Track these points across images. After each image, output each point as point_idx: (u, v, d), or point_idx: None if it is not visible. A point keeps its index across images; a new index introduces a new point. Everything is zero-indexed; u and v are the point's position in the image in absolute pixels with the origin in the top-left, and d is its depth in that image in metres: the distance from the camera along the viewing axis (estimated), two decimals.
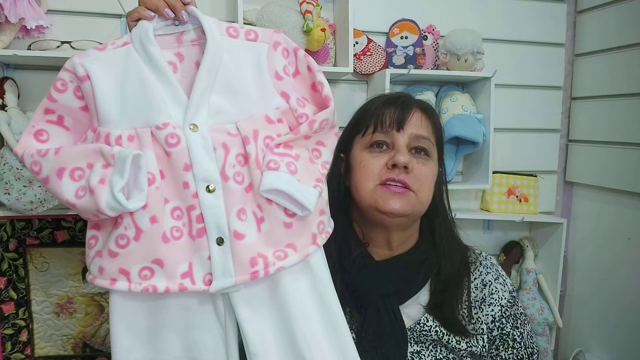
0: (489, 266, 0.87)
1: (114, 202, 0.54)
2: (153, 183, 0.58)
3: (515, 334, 0.82)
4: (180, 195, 0.59)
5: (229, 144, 0.60)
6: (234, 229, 0.59)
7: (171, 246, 0.58)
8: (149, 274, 0.58)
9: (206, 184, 0.58)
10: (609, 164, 1.38)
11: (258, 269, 0.59)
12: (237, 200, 0.59)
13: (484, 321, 0.82)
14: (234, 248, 0.59)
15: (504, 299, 0.83)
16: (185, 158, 0.58)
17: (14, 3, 0.99)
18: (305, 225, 0.63)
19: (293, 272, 0.63)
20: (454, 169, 1.36)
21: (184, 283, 0.59)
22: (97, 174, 0.56)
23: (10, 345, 1.15)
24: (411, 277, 0.81)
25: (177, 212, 0.59)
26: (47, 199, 1.04)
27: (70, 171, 0.57)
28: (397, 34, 1.32)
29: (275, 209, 0.61)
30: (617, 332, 1.36)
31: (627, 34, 1.31)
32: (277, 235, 0.61)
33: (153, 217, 0.57)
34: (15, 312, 1.15)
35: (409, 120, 0.80)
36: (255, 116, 0.62)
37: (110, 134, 0.58)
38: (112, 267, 0.58)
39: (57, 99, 0.60)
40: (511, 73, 1.43)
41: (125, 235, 0.57)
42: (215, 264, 0.59)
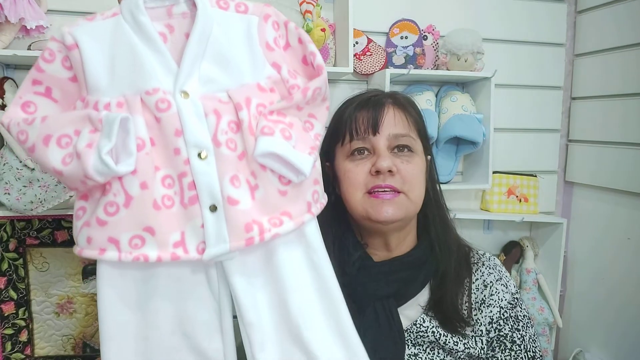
0: (491, 267, 0.85)
1: (102, 165, 0.53)
2: (143, 148, 0.56)
3: (515, 336, 0.80)
4: (172, 162, 0.57)
5: (221, 110, 0.58)
6: (228, 194, 0.57)
7: (162, 214, 0.57)
8: (139, 243, 0.56)
9: (198, 150, 0.57)
10: (609, 163, 1.38)
11: (253, 235, 0.57)
12: (230, 166, 0.58)
13: (482, 322, 0.80)
14: (228, 214, 0.57)
15: (504, 300, 0.81)
16: (176, 123, 0.57)
17: (14, 3, 0.99)
18: (300, 193, 0.62)
19: (288, 241, 0.62)
20: (454, 169, 1.36)
21: (177, 252, 0.57)
22: (85, 139, 0.54)
23: (10, 345, 1.15)
24: (411, 278, 0.81)
25: (168, 180, 0.58)
26: (47, 199, 1.04)
27: (57, 138, 0.55)
28: (397, 34, 1.32)
29: (269, 176, 0.59)
30: (617, 332, 1.36)
31: (627, 34, 1.31)
32: (272, 203, 0.60)
33: (143, 183, 0.56)
34: (15, 312, 1.15)
35: (382, 121, 0.78)
36: (247, 84, 0.61)
37: (99, 102, 0.57)
38: (101, 237, 0.56)
39: (44, 69, 0.59)
40: (511, 73, 1.43)
41: (115, 202, 0.55)
42: (208, 232, 0.57)
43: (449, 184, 1.35)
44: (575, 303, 1.51)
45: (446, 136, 1.27)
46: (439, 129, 1.30)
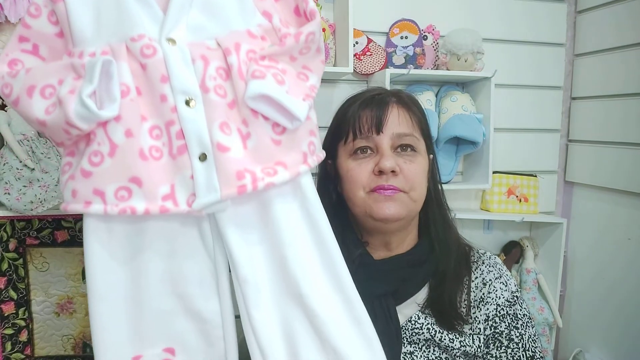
0: (491, 265, 0.85)
1: (83, 108, 0.50)
2: (127, 95, 0.54)
3: (513, 334, 0.79)
4: (159, 111, 0.55)
5: (209, 56, 0.56)
6: (218, 141, 0.54)
7: (150, 165, 0.54)
8: (126, 195, 0.53)
9: (185, 97, 0.54)
10: (608, 163, 1.38)
11: (245, 182, 0.54)
12: (219, 113, 0.55)
13: (480, 320, 0.80)
14: (218, 161, 0.54)
15: (502, 297, 0.80)
16: (161, 69, 0.54)
17: (14, 3, 0.99)
18: (295, 142, 0.59)
19: (284, 193, 0.59)
20: (454, 169, 1.36)
21: (166, 205, 0.54)
22: (67, 86, 0.52)
23: (10, 345, 1.15)
24: (410, 277, 0.80)
25: (156, 131, 0.55)
26: (47, 199, 1.04)
27: (41, 89, 0.54)
28: (397, 34, 1.32)
29: (262, 123, 0.56)
30: (617, 332, 1.36)
31: (627, 34, 1.31)
32: (265, 152, 0.56)
33: (128, 131, 0.53)
34: (15, 312, 1.15)
35: (386, 120, 0.78)
36: (236, 31, 0.58)
37: (84, 52, 0.55)
38: (86, 189, 0.53)
39: (31, 25, 0.57)
40: (511, 73, 1.43)
41: (99, 152, 0.53)
42: (198, 181, 0.54)
43: (449, 184, 1.35)
44: (575, 303, 1.51)
45: (446, 136, 1.27)
46: (439, 129, 1.30)
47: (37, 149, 1.03)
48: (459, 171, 1.43)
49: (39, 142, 1.05)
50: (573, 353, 1.45)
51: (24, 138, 1.02)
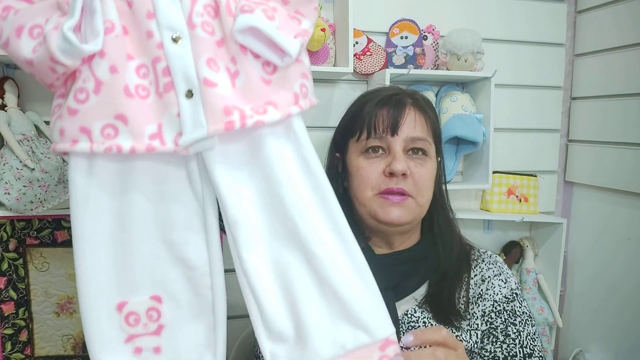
0: (491, 262, 0.85)
1: (65, 42, 0.49)
2: (112, 31, 0.52)
3: (510, 330, 0.78)
4: (145, 48, 0.54)
5: None
6: (204, 76, 0.53)
7: (136, 103, 0.53)
8: (112, 133, 0.52)
9: (171, 33, 0.53)
10: (608, 163, 1.38)
11: (233, 119, 0.53)
12: (206, 49, 0.54)
13: (478, 316, 0.80)
14: (205, 97, 0.53)
15: (500, 294, 0.80)
16: (148, 5, 0.53)
17: None
18: (286, 82, 0.57)
19: (276, 134, 0.58)
20: (454, 169, 1.36)
21: (152, 143, 0.53)
22: (52, 23, 0.51)
23: (10, 345, 1.15)
24: (410, 272, 0.81)
25: (143, 69, 0.54)
26: (47, 199, 1.04)
27: (29, 29, 0.53)
28: (397, 34, 1.32)
29: (251, 61, 0.55)
30: (617, 332, 1.36)
31: (627, 34, 1.31)
32: (255, 91, 0.55)
33: (113, 67, 0.52)
34: (15, 312, 1.15)
35: (402, 123, 0.78)
36: None
37: None
38: (72, 127, 0.53)
39: None
40: (511, 73, 1.43)
41: (84, 89, 0.52)
42: (184, 118, 0.53)
43: (449, 184, 1.34)
44: (575, 303, 1.51)
45: (446, 136, 1.27)
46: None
47: (37, 149, 1.03)
48: (459, 171, 1.43)
49: (39, 142, 1.05)
50: (573, 353, 1.45)
51: (24, 138, 1.02)
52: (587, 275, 1.47)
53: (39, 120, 1.07)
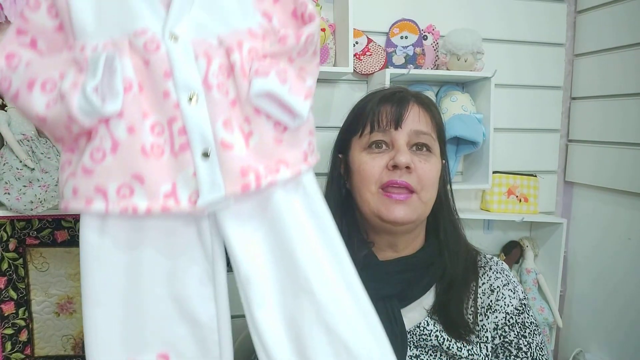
0: (499, 271, 0.83)
1: (86, 103, 0.49)
2: (130, 90, 0.53)
3: (521, 343, 0.77)
4: (161, 107, 0.54)
5: (212, 53, 0.55)
6: (221, 138, 0.54)
7: (152, 162, 0.53)
8: (128, 193, 0.52)
9: (188, 93, 0.54)
10: (609, 163, 1.38)
11: (250, 180, 0.54)
12: (222, 110, 0.55)
13: (488, 329, 0.78)
14: (222, 158, 0.54)
15: (511, 305, 0.79)
16: (164, 65, 0.53)
17: (14, 3, 0.99)
18: (296, 141, 0.59)
19: (286, 190, 0.59)
20: (454, 169, 1.36)
21: (167, 203, 0.53)
22: (70, 79, 0.51)
23: (10, 345, 1.15)
24: (415, 279, 0.79)
25: (158, 127, 0.54)
26: (47, 199, 1.04)
27: (42, 83, 0.53)
28: (397, 33, 1.32)
29: (264, 122, 0.56)
30: (617, 332, 1.36)
31: (627, 34, 1.31)
32: (267, 150, 0.56)
33: (130, 127, 0.52)
34: (15, 312, 1.15)
35: (406, 116, 0.77)
36: (238, 29, 0.57)
37: (86, 45, 0.54)
38: (87, 186, 0.52)
39: (29, 19, 0.55)
40: (511, 73, 1.43)
41: (101, 148, 0.52)
42: (201, 179, 0.53)
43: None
44: (576, 303, 1.51)
45: (446, 136, 1.27)
46: None
47: (37, 149, 1.03)
48: (459, 171, 1.43)
49: (39, 142, 1.05)
50: (573, 353, 1.45)
51: (24, 138, 1.02)
52: (587, 276, 1.47)
53: None
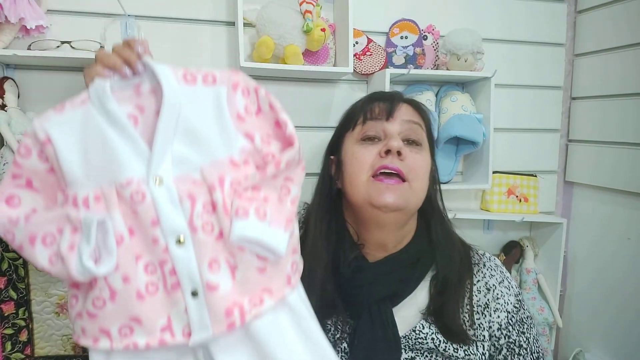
0: (493, 268, 0.84)
1: (83, 269, 0.56)
2: (122, 243, 0.58)
3: (521, 340, 0.79)
4: (151, 250, 0.59)
5: (195, 193, 0.60)
6: (207, 280, 0.59)
7: (147, 302, 0.59)
8: (128, 332, 0.59)
9: (175, 237, 0.58)
10: (609, 163, 1.38)
11: (234, 319, 0.59)
12: (207, 250, 0.59)
13: (486, 327, 0.79)
14: (208, 300, 0.59)
15: (510, 303, 0.80)
16: (151, 213, 0.58)
17: (14, 3, 0.99)
18: (279, 267, 0.63)
19: (271, 312, 0.62)
20: (454, 169, 1.36)
21: (164, 337, 0.59)
22: (67, 240, 0.57)
23: (10, 345, 1.15)
24: (406, 276, 0.80)
25: (151, 267, 0.59)
26: None
27: (42, 237, 0.59)
28: (397, 34, 1.32)
29: (247, 256, 0.60)
30: (617, 332, 1.36)
31: (627, 34, 1.31)
32: (252, 282, 0.61)
33: (125, 277, 0.58)
34: (15, 312, 1.15)
35: (397, 109, 0.80)
36: (219, 160, 0.61)
37: (77, 195, 0.59)
38: (93, 328, 0.59)
39: (22, 164, 0.61)
40: (511, 73, 1.43)
41: (101, 297, 0.58)
42: (192, 317, 0.59)
43: (449, 184, 1.35)
44: (575, 303, 1.51)
45: (446, 136, 1.27)
46: (439, 129, 1.30)
47: None
48: (459, 171, 1.43)
49: None
50: (573, 353, 1.45)
51: None
52: (587, 275, 1.48)
53: None
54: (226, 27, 1.22)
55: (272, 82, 1.26)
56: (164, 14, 1.18)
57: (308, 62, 1.22)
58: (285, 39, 1.11)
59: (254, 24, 1.15)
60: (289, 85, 1.27)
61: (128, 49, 0.62)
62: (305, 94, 1.28)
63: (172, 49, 1.18)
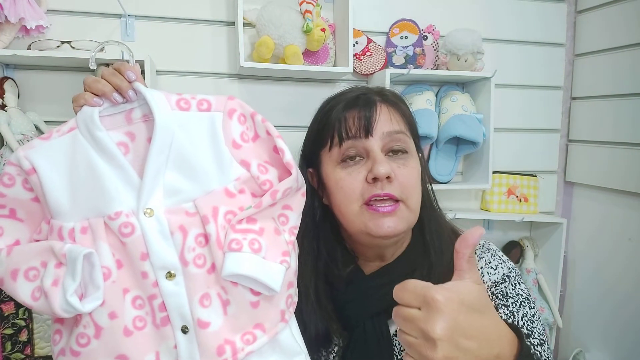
0: (484, 252, 0.78)
1: (67, 306, 0.53)
2: (109, 277, 0.55)
3: (500, 312, 0.69)
4: (140, 284, 0.57)
5: (187, 225, 0.57)
6: (198, 317, 0.57)
7: (135, 338, 0.56)
8: None
9: (165, 271, 0.56)
10: (608, 164, 1.38)
11: (226, 357, 0.57)
12: (199, 285, 0.57)
13: None
14: (199, 337, 0.56)
15: (489, 282, 0.73)
16: (141, 247, 0.55)
17: (14, 3, 0.99)
18: (273, 302, 0.60)
19: (259, 353, 0.60)
20: (454, 169, 1.36)
21: None
22: (50, 275, 0.54)
23: (10, 345, 1.15)
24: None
25: (139, 301, 0.57)
26: None
27: (25, 272, 0.56)
28: (397, 34, 1.32)
29: (240, 290, 0.58)
30: (617, 332, 1.36)
31: (627, 34, 1.31)
32: (244, 318, 0.59)
33: (112, 313, 0.55)
34: (15, 312, 1.15)
35: (375, 122, 0.71)
36: (214, 191, 0.59)
37: (63, 227, 0.56)
38: None
39: (6, 194, 0.58)
40: (511, 73, 1.43)
41: (85, 334, 0.55)
42: (181, 354, 0.57)
43: (449, 184, 1.35)
44: (575, 303, 1.51)
45: (446, 136, 1.27)
46: (439, 129, 1.30)
47: None
48: (459, 171, 1.43)
49: None
50: (573, 353, 1.45)
51: (24, 138, 1.02)
52: (587, 275, 1.47)
53: (39, 120, 1.07)
54: (226, 27, 1.22)
55: (272, 82, 1.26)
56: (164, 14, 1.18)
57: (308, 62, 1.22)
58: (285, 39, 1.11)
59: (254, 24, 1.15)
60: (289, 85, 1.27)
61: (118, 74, 0.59)
62: (305, 94, 1.28)
63: (172, 49, 1.18)
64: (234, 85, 1.24)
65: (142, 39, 1.16)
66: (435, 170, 1.33)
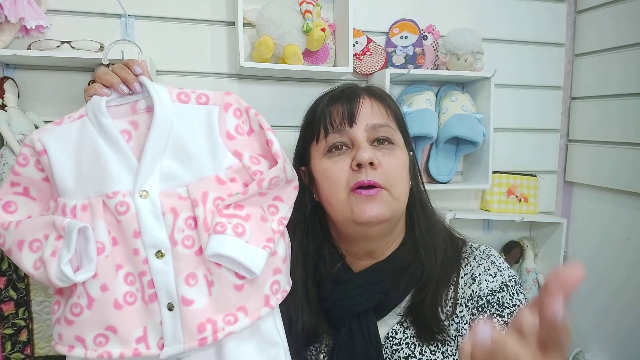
0: (483, 258, 0.76)
1: (61, 274, 0.57)
2: (103, 252, 0.59)
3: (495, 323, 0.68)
4: (132, 261, 0.61)
5: (179, 208, 0.61)
6: (182, 294, 0.60)
7: (124, 312, 0.60)
8: (103, 341, 0.60)
9: (155, 250, 0.60)
10: (608, 163, 1.38)
11: (206, 335, 0.60)
12: (186, 265, 0.60)
13: (467, 321, 0.72)
14: (183, 314, 0.60)
15: (486, 289, 0.72)
16: (134, 225, 0.60)
17: (14, 3, 0.99)
18: (257, 286, 0.63)
19: (239, 336, 0.63)
20: (454, 168, 1.36)
21: (139, 348, 0.60)
22: (50, 246, 0.59)
23: (10, 345, 1.15)
24: (392, 286, 0.74)
25: (131, 277, 0.61)
26: None
27: (29, 243, 0.60)
28: (397, 33, 1.32)
29: (225, 272, 0.61)
30: (617, 332, 1.36)
31: (627, 34, 1.31)
32: (228, 299, 0.61)
33: (103, 286, 0.59)
34: (15, 312, 1.15)
35: (358, 111, 0.72)
36: (206, 177, 0.63)
37: (67, 205, 0.61)
38: (69, 335, 0.60)
39: (20, 173, 0.64)
40: (511, 73, 1.43)
41: (79, 304, 0.59)
42: (165, 330, 0.60)
43: (449, 184, 1.35)
44: (575, 303, 1.51)
45: (446, 136, 1.27)
46: (439, 128, 1.30)
47: None
48: (459, 171, 1.43)
49: None
50: (573, 353, 1.45)
51: (24, 138, 1.02)
52: (587, 275, 1.44)
53: (39, 120, 1.08)
54: (226, 27, 1.22)
55: (272, 82, 1.26)
56: (164, 14, 1.18)
57: (308, 62, 1.22)
58: (285, 39, 1.11)
59: (254, 24, 1.15)
60: (289, 85, 1.27)
61: (127, 68, 0.64)
62: (305, 94, 1.27)
63: (172, 49, 1.18)
64: (234, 85, 1.24)
65: (142, 39, 1.16)
66: (435, 170, 1.33)
